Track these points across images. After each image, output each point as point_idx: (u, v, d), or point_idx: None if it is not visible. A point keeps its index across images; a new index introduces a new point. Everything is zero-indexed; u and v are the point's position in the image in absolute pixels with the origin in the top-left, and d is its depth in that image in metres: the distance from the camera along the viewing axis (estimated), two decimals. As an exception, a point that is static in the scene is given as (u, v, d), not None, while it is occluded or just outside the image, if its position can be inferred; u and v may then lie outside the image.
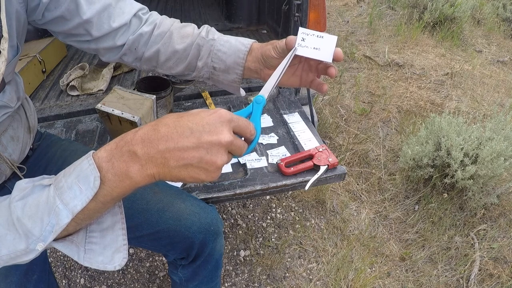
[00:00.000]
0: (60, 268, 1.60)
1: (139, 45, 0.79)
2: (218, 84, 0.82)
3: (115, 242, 0.54)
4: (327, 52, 0.65)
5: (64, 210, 0.47)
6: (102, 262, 0.53)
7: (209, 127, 0.46)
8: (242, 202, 1.88)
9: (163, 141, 0.45)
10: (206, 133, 0.45)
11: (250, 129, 0.50)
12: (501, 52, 3.47)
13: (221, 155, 0.47)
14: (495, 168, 1.63)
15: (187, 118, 0.46)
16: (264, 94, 0.60)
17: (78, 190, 0.46)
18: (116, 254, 0.53)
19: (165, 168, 0.46)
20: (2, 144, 0.76)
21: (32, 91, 1.59)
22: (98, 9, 0.74)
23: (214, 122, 0.46)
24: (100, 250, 0.53)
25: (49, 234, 0.48)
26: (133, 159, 0.46)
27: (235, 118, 0.48)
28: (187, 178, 0.48)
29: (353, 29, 3.75)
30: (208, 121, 0.46)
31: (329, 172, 1.13)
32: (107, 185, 0.47)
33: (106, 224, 0.54)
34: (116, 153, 0.47)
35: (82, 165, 0.47)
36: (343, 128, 2.36)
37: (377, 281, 1.56)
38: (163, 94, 1.23)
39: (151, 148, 0.46)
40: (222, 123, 0.46)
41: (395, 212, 1.85)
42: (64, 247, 0.52)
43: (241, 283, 1.56)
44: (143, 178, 0.47)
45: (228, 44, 0.76)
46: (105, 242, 0.53)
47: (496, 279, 1.54)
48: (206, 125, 0.46)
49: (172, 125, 0.46)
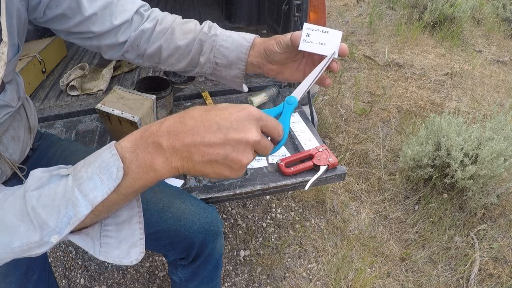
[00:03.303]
0: (60, 268, 1.60)
1: (141, 42, 0.79)
2: (221, 80, 0.82)
3: (131, 237, 0.52)
4: (332, 47, 0.65)
5: (83, 201, 0.45)
6: (118, 256, 0.51)
7: (237, 124, 0.44)
8: (242, 202, 1.88)
9: (189, 135, 0.44)
10: (233, 130, 0.44)
11: (278, 129, 0.49)
12: (501, 52, 3.47)
13: (247, 154, 0.46)
14: (495, 168, 1.63)
15: (215, 113, 0.45)
16: (296, 95, 0.59)
17: (99, 181, 0.45)
18: (132, 249, 0.52)
19: (190, 162, 0.45)
20: (3, 144, 0.76)
21: (32, 91, 1.59)
22: (99, 6, 0.74)
23: (243, 119, 0.45)
24: (116, 244, 0.52)
25: (66, 226, 0.46)
26: (158, 151, 0.45)
27: (264, 117, 0.47)
28: (211, 174, 0.47)
29: (353, 29, 3.75)
30: (236, 118, 0.45)
31: (329, 172, 1.13)
32: (130, 176, 0.46)
33: (123, 218, 0.52)
34: (140, 144, 0.45)
35: (103, 155, 0.46)
36: (343, 128, 2.36)
37: (377, 281, 1.56)
38: (163, 94, 1.23)
39: (176, 141, 0.45)
40: (251, 121, 0.45)
41: (395, 212, 1.85)
42: (80, 240, 0.50)
43: (241, 283, 1.56)
44: (167, 170, 0.46)
45: (230, 39, 0.76)
46: (121, 236, 0.52)
47: (496, 279, 1.54)
48: (234, 122, 0.44)
49: (199, 118, 0.45)
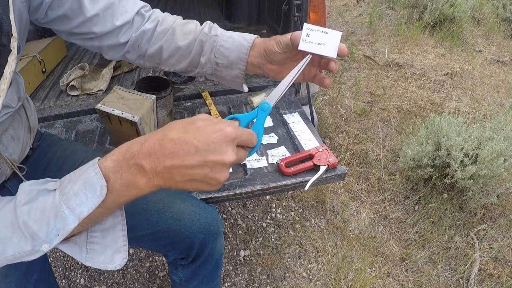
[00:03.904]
0: (60, 268, 1.60)
1: (142, 42, 0.80)
2: (221, 80, 0.82)
3: (115, 243, 0.55)
4: (331, 47, 0.65)
5: (70, 215, 0.48)
6: (103, 262, 0.54)
7: (214, 147, 0.47)
8: (242, 202, 1.88)
9: (169, 158, 0.47)
10: (211, 153, 0.47)
11: (252, 141, 0.52)
12: (501, 52, 3.47)
13: (224, 172, 0.49)
14: (495, 168, 1.63)
15: (193, 135, 0.47)
16: (270, 101, 0.60)
17: (84, 197, 0.48)
18: (116, 255, 0.55)
19: (171, 182, 0.49)
20: (2, 144, 0.76)
21: (32, 91, 1.59)
22: (101, 7, 0.74)
23: (219, 141, 0.47)
24: (102, 250, 0.55)
25: (55, 237, 0.49)
26: (141, 173, 0.48)
27: (239, 135, 0.49)
28: (191, 189, 0.51)
29: (353, 29, 3.75)
30: (213, 140, 0.47)
31: (329, 172, 1.13)
32: (114, 193, 0.49)
33: (107, 225, 0.55)
34: (123, 165, 0.48)
35: (87, 172, 0.49)
36: (343, 128, 2.36)
37: (377, 281, 1.56)
38: (163, 94, 1.23)
39: (158, 163, 0.47)
40: (227, 143, 0.48)
41: (395, 212, 1.85)
42: (68, 249, 0.54)
43: (241, 283, 1.56)
44: (150, 188, 0.50)
45: (231, 40, 0.76)
46: (106, 242, 0.55)
47: (496, 279, 1.54)
48: (212, 144, 0.47)
49: (177, 141, 0.47)
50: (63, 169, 0.92)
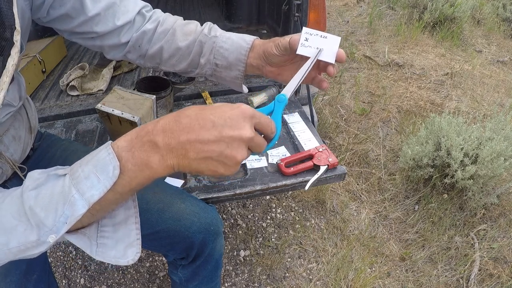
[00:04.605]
0: (60, 268, 1.60)
1: (143, 42, 0.80)
2: (221, 81, 0.83)
3: (128, 237, 0.53)
4: (330, 52, 0.65)
5: (80, 200, 0.46)
6: (115, 257, 0.52)
7: (231, 122, 0.46)
8: (242, 202, 1.88)
9: (184, 132, 0.45)
10: (228, 127, 0.45)
11: (271, 127, 0.50)
12: (501, 52, 3.47)
13: (241, 150, 0.47)
14: (495, 168, 1.63)
15: (210, 111, 0.46)
16: (286, 93, 0.60)
17: (95, 180, 0.46)
18: (129, 249, 0.53)
19: (185, 160, 0.46)
20: (4, 144, 0.77)
21: (32, 91, 1.59)
22: (102, 7, 0.74)
23: (237, 116, 0.46)
24: (113, 245, 0.52)
25: (63, 225, 0.46)
26: (154, 149, 0.46)
27: (258, 115, 0.48)
28: (206, 171, 0.48)
29: (353, 29, 3.75)
30: (230, 115, 0.46)
31: (329, 172, 1.13)
32: (127, 175, 0.46)
33: (119, 219, 0.53)
34: (136, 143, 0.46)
35: (100, 154, 0.47)
36: (343, 128, 2.36)
37: (377, 281, 1.56)
38: (163, 94, 1.23)
39: (172, 138, 0.46)
40: (245, 118, 0.46)
41: (395, 212, 1.85)
42: (77, 240, 0.51)
43: (241, 283, 1.56)
44: (163, 168, 0.47)
45: (230, 41, 0.77)
46: (118, 236, 0.53)
47: (496, 279, 1.54)
48: (228, 119, 0.46)
49: (194, 116, 0.46)
50: None
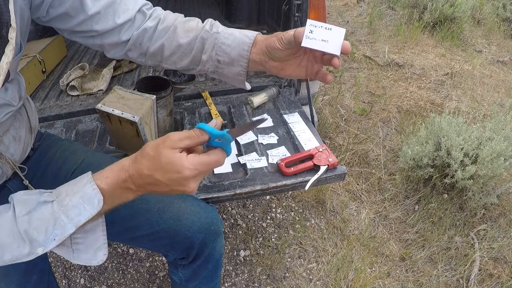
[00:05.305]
0: (60, 268, 1.60)
1: (143, 40, 0.79)
2: (223, 77, 0.82)
3: (96, 242, 0.65)
4: (335, 44, 0.65)
5: (69, 223, 0.58)
6: (87, 259, 0.64)
7: (180, 183, 0.58)
8: (242, 202, 1.88)
9: (148, 186, 0.60)
10: (177, 186, 0.59)
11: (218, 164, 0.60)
12: (501, 52, 3.47)
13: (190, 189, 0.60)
14: (495, 168, 1.63)
15: (161, 175, 0.57)
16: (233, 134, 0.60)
17: (82, 208, 0.59)
18: (98, 252, 0.65)
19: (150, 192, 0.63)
20: (4, 144, 0.76)
21: (32, 91, 1.59)
22: (102, 5, 0.74)
23: (181, 179, 0.57)
24: (85, 249, 0.64)
25: (51, 241, 0.59)
26: (130, 192, 0.62)
27: (198, 173, 0.58)
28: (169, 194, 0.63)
29: (353, 29, 3.75)
30: (176, 179, 0.58)
31: (329, 172, 1.13)
32: (107, 204, 0.61)
33: (88, 227, 0.63)
34: (117, 188, 0.61)
35: (86, 189, 0.59)
36: (343, 128, 2.36)
37: (377, 281, 1.56)
38: (163, 94, 1.22)
39: (141, 189, 0.61)
40: (188, 179, 0.58)
41: (395, 212, 1.85)
42: (59, 250, 0.63)
43: (241, 283, 1.56)
44: (135, 197, 0.63)
45: (232, 37, 0.76)
46: (88, 242, 0.64)
47: (496, 279, 1.54)
48: (177, 181, 0.58)
49: (153, 180, 0.59)
50: (64, 169, 0.92)
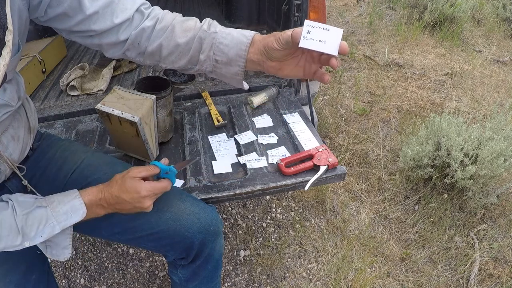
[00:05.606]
0: (60, 268, 1.60)
1: (141, 40, 0.79)
2: (221, 77, 0.82)
3: (64, 241, 0.80)
4: (333, 45, 0.65)
5: (57, 226, 0.75)
6: (56, 255, 0.80)
7: (138, 201, 0.81)
8: (242, 202, 1.88)
9: (116, 204, 0.81)
10: (137, 203, 0.81)
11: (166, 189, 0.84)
12: (501, 52, 3.47)
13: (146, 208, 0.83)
14: (495, 168, 1.63)
15: (126, 195, 0.80)
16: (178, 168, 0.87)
17: (70, 216, 0.77)
18: (65, 250, 0.81)
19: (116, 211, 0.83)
20: (2, 144, 0.76)
21: (32, 91, 1.59)
22: (100, 5, 0.74)
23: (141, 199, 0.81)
24: (55, 246, 0.80)
25: (39, 238, 0.74)
26: (102, 209, 0.82)
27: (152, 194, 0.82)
28: None
29: (353, 29, 3.75)
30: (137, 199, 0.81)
31: (329, 172, 1.13)
32: (87, 215, 0.79)
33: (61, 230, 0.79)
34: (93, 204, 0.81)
35: (74, 201, 0.78)
36: (343, 128, 2.36)
37: (377, 281, 1.56)
38: (163, 94, 1.22)
39: (111, 206, 0.82)
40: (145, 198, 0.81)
41: (395, 212, 1.85)
42: (40, 245, 0.78)
43: (241, 283, 1.56)
44: (105, 214, 0.83)
45: (230, 37, 0.76)
46: (57, 241, 0.79)
47: (496, 279, 1.54)
48: (136, 199, 0.81)
49: (120, 200, 0.80)
50: (63, 169, 0.92)
